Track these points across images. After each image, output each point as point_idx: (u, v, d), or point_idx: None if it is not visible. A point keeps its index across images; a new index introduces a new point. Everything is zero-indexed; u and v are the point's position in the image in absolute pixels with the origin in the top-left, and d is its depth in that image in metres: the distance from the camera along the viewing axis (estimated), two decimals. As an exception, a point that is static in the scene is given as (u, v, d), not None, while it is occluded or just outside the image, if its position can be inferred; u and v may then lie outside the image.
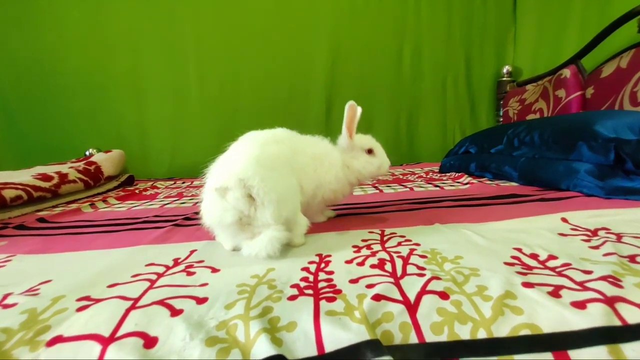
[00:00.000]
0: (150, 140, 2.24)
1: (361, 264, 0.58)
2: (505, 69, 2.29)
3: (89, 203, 1.34)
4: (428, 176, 1.66)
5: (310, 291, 0.48)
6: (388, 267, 0.56)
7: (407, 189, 1.30)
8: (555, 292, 0.44)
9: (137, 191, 1.66)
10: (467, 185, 1.30)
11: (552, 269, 0.52)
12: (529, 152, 1.31)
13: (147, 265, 0.63)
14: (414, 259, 0.59)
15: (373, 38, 2.27)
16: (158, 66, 2.19)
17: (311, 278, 0.53)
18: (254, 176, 0.60)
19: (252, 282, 0.52)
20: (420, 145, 2.43)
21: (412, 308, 0.42)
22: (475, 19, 2.31)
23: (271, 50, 2.24)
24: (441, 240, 0.68)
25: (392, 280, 0.50)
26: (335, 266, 0.58)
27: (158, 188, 1.76)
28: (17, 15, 2.10)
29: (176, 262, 0.65)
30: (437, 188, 1.30)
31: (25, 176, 1.38)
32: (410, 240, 0.69)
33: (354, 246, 0.68)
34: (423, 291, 0.45)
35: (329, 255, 0.63)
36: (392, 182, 1.52)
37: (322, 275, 0.54)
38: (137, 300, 0.48)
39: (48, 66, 2.15)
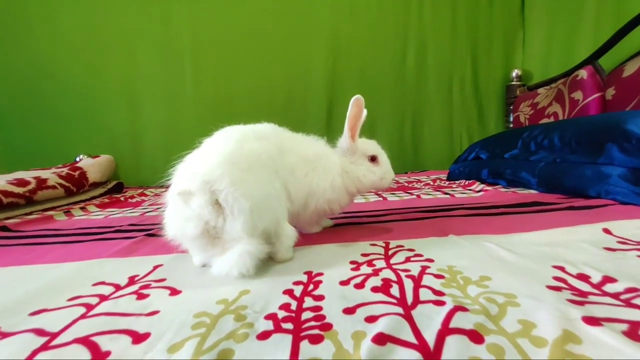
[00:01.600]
0: (143, 147, 2.15)
1: (360, 285, 0.45)
2: (515, 72, 2.18)
3: (65, 210, 1.22)
4: (435, 184, 1.53)
5: (289, 325, 0.36)
6: (395, 290, 0.43)
7: (414, 197, 1.17)
8: (634, 332, 0.31)
9: (122, 198, 1.55)
10: (481, 193, 1.17)
11: (615, 295, 0.39)
12: (548, 156, 1.19)
13: (94, 284, 0.51)
14: (427, 280, 0.46)
15: (375, 37, 2.18)
16: (152, 69, 2.12)
17: (294, 305, 0.41)
18: (222, 178, 0.48)
19: (216, 310, 0.40)
20: (426, 152, 2.30)
21: (431, 357, 0.29)
22: (481, 19, 2.22)
23: (268, 52, 2.15)
24: (459, 255, 0.55)
25: (400, 310, 0.37)
26: (327, 288, 0.45)
27: (146, 195, 1.65)
28: (10, 19, 2.05)
29: (132, 280, 0.52)
30: (447, 196, 1.17)
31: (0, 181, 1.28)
32: (421, 255, 0.57)
33: (352, 262, 0.55)
34: (445, 329, 0.33)
35: (320, 274, 0.51)
36: (397, 189, 1.40)
37: (308, 302, 0.41)
38: (55, 336, 0.35)
39: (40, 70, 2.08)
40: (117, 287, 0.49)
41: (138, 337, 0.34)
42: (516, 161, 1.32)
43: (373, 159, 0.73)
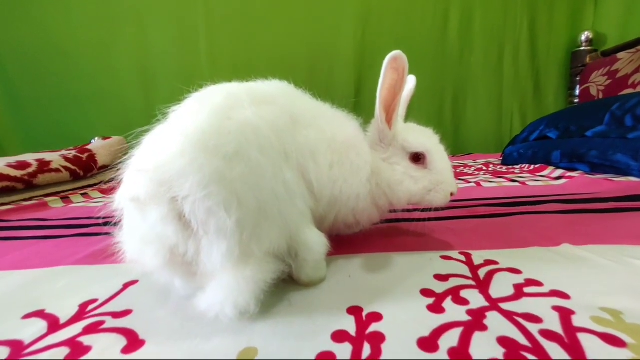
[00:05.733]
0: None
1: (459, 353, 0.24)
2: (584, 35, 1.81)
3: (64, 197, 1.09)
4: (490, 169, 1.27)
5: None
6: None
7: (472, 185, 0.93)
8: None
9: (131, 183, 1.41)
10: (562, 180, 0.91)
11: None
12: (655, 132, 0.89)
13: (26, 316, 0.33)
14: (592, 346, 0.24)
15: (411, 1, 1.88)
16: (165, 44, 1.95)
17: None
18: (186, 176, 0.28)
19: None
20: (469, 133, 2.00)
21: None
22: (543, -28, 1.85)
23: (289, 23, 1.91)
24: (608, 284, 0.33)
25: None
26: (396, 353, 0.24)
27: (158, 180, 1.50)
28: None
29: (82, 310, 0.34)
30: (516, 184, 0.92)
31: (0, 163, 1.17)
32: (537, 283, 0.34)
33: (424, 292, 0.34)
34: None
35: (376, 316, 0.30)
36: (444, 175, 1.15)
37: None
38: None
39: (53, 48, 1.98)
40: (53, 325, 0.31)
41: None
42: (605, 140, 1.03)
43: (417, 158, 0.47)
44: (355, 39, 1.92)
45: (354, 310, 0.31)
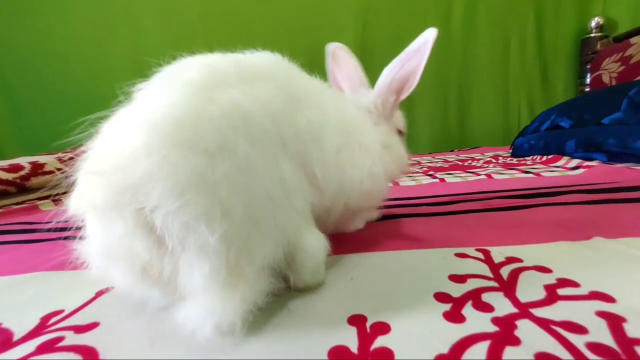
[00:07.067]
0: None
1: (489, 374, 0.19)
2: (594, 21, 1.74)
3: (56, 200, 1.06)
4: (499, 161, 1.21)
5: None
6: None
7: (482, 177, 0.87)
8: None
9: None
10: (580, 170, 0.85)
11: None
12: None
13: (-22, 331, 0.29)
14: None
15: (411, -7, 1.82)
16: (162, 45, 1.92)
17: None
18: (154, 181, 0.22)
19: None
20: (475, 127, 1.94)
21: None
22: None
23: (286, 22, 1.87)
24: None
25: None
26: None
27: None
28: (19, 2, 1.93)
29: (42, 324, 0.30)
30: (530, 175, 0.86)
31: (-8, 167, 1.13)
32: (572, 283, 0.29)
33: (438, 296, 0.29)
34: None
35: (383, 327, 0.25)
36: (451, 168, 1.10)
37: None
38: None
39: (49, 49, 1.96)
40: (4, 344, 0.27)
41: None
42: (623, 127, 0.97)
43: (400, 132, 0.55)
44: (355, 36, 1.87)
45: (356, 320, 0.26)
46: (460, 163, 1.24)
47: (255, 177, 0.25)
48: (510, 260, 0.35)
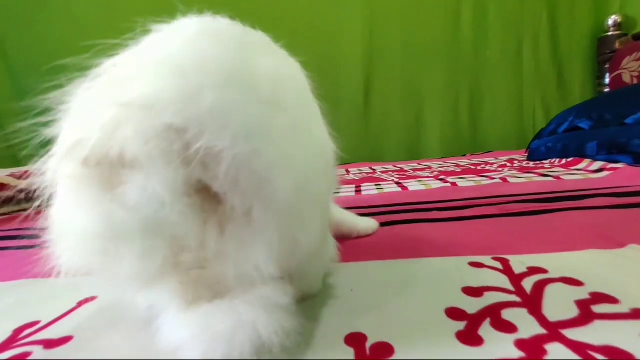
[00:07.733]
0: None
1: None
2: (612, 19, 1.67)
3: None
4: (515, 165, 1.15)
5: None
6: None
7: (497, 181, 0.83)
8: None
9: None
10: (604, 173, 0.79)
11: None
12: None
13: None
14: None
15: (420, -6, 1.80)
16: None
17: None
18: (228, 118, 0.17)
19: None
20: (487, 130, 1.87)
21: None
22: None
23: (294, 25, 1.86)
24: None
25: None
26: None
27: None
28: (30, 10, 1.99)
29: (12, 338, 0.27)
30: (549, 178, 0.81)
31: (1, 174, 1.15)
32: (609, 299, 0.25)
33: (450, 312, 0.25)
34: None
35: (385, 349, 0.21)
36: (464, 172, 1.05)
37: None
38: None
39: (63, 57, 2.02)
40: (-35, 361, 0.24)
41: None
42: (650, 127, 0.91)
43: None
44: (363, 41, 1.84)
45: (355, 340, 0.23)
46: (473, 167, 1.19)
47: (306, 136, 0.22)
48: (533, 270, 0.31)
